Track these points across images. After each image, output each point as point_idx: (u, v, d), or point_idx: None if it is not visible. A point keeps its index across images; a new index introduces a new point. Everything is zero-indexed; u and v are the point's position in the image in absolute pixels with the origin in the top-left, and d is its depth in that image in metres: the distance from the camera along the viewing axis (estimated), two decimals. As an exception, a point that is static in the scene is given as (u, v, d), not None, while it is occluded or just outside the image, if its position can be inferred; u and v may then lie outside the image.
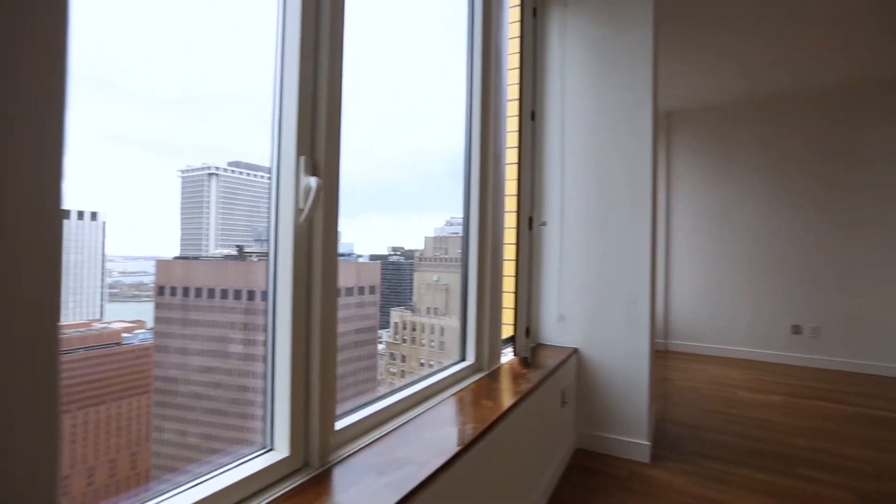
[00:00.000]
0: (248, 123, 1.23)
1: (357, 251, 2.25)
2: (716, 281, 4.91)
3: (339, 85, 1.12)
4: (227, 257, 1.46)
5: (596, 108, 2.45)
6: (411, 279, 2.15)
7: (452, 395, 1.62)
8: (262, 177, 1.10)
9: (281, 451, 1.03)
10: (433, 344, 2.10)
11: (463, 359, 1.90)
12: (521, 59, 2.10)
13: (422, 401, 1.53)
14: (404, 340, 2.13)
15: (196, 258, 1.43)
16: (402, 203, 1.95)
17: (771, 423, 2.96)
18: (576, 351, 2.47)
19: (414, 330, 2.12)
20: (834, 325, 4.40)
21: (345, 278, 2.00)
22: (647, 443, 2.35)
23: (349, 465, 1.10)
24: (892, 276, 4.19)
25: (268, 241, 1.08)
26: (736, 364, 4.51)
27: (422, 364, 2.05)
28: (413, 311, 2.16)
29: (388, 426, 1.32)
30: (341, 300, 1.95)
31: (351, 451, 1.16)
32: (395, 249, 2.12)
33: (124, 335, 1.35)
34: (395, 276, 2.10)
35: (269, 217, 1.08)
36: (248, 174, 1.51)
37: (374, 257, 2.23)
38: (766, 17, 3.11)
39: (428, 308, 2.18)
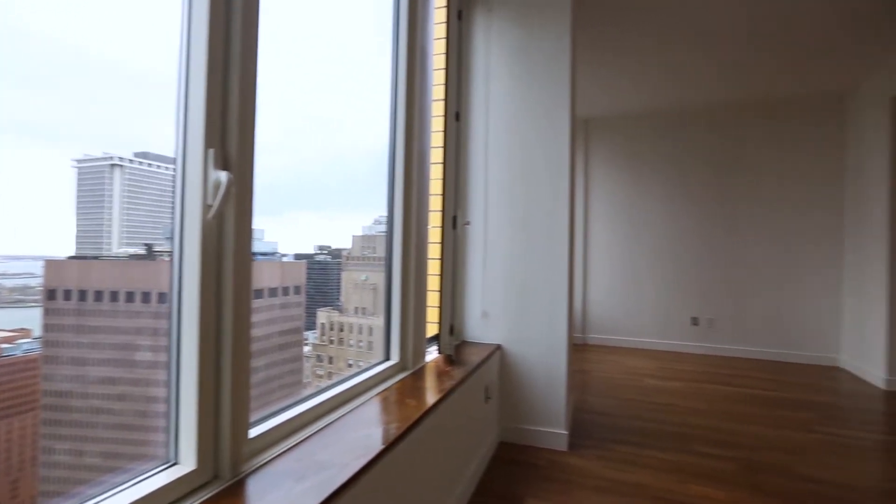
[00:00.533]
0: (157, 109, 1.13)
1: (282, 250, 2.16)
2: (627, 279, 5.27)
3: (254, 70, 1.06)
4: (134, 257, 1.33)
5: (518, 111, 2.54)
6: (339, 279, 2.10)
7: (377, 395, 1.60)
8: (174, 169, 1.02)
9: (186, 464, 0.96)
10: (361, 344, 2.07)
11: (387, 358, 1.88)
12: (446, 60, 2.13)
13: (345, 402, 1.50)
14: (331, 341, 2.08)
15: (96, 258, 1.29)
16: (330, 201, 1.89)
17: (673, 406, 3.23)
18: (499, 347, 2.54)
19: (341, 330, 2.07)
20: (726, 316, 4.90)
21: (268, 278, 1.91)
22: (564, 432, 2.47)
23: (266, 473, 1.05)
24: (770, 274, 4.74)
25: (171, 239, 1.00)
26: (645, 354, 4.87)
27: (350, 365, 2.01)
28: (341, 311, 2.11)
29: (310, 430, 1.28)
30: (264, 301, 1.87)
31: (268, 459, 1.11)
32: (321, 248, 2.06)
33: (3, 346, 1.19)
34: (322, 275, 2.04)
35: (173, 213, 1.00)
36: (159, 166, 1.39)
37: (299, 256, 2.15)
38: (669, 40, 3.39)
39: (356, 308, 2.15)
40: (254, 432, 1.13)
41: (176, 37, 1.00)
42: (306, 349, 1.99)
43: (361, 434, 1.26)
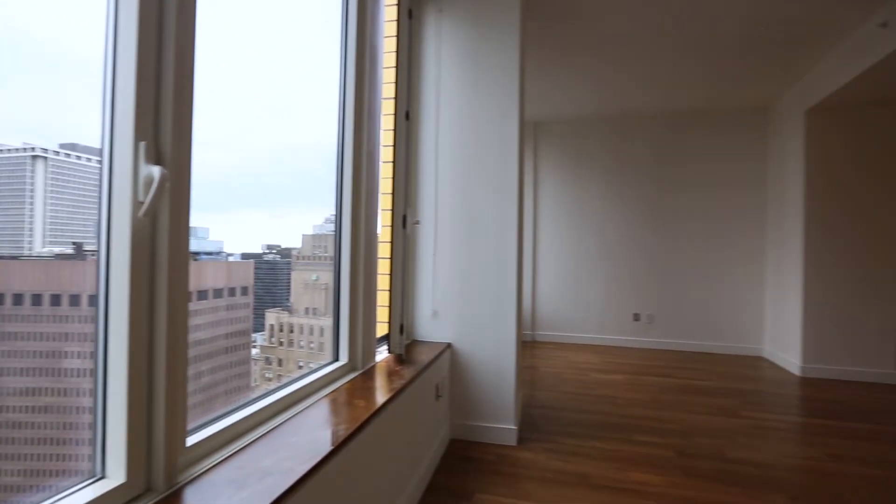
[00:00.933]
0: (85, 97, 1.05)
1: (228, 249, 2.06)
2: (575, 277, 5.45)
3: (191, 56, 1.01)
4: (60, 256, 1.23)
5: (469, 112, 2.56)
6: (289, 279, 2.03)
7: (325, 396, 1.57)
8: (101, 163, 0.95)
9: (115, 477, 0.90)
10: (312, 345, 2.02)
11: (336, 359, 1.84)
12: (397, 58, 2.11)
13: (292, 405, 1.46)
14: (281, 343, 2.01)
15: (15, 258, 1.18)
16: (280, 199, 1.83)
17: (615, 398, 3.37)
18: (449, 346, 2.55)
19: (291, 332, 2.01)
20: (664, 312, 5.17)
21: (212, 279, 1.82)
22: (514, 427, 2.52)
23: (205, 483, 1.00)
24: (702, 272, 5.06)
25: (97, 238, 0.93)
26: (591, 349, 5.06)
27: (300, 367, 1.95)
28: (290, 311, 2.04)
29: (253, 435, 1.23)
30: (208, 303, 1.78)
31: (208, 467, 1.06)
32: (270, 248, 1.99)
33: None
34: (271, 275, 1.97)
35: (99, 210, 0.93)
36: (89, 159, 1.29)
37: (246, 256, 2.07)
38: (607, 53, 3.54)
39: (307, 308, 2.09)
40: (192, 440, 1.07)
41: (103, 11, 0.93)
42: (254, 352, 1.92)
43: (308, 437, 1.23)
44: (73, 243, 1.24)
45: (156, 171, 0.91)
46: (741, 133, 4.98)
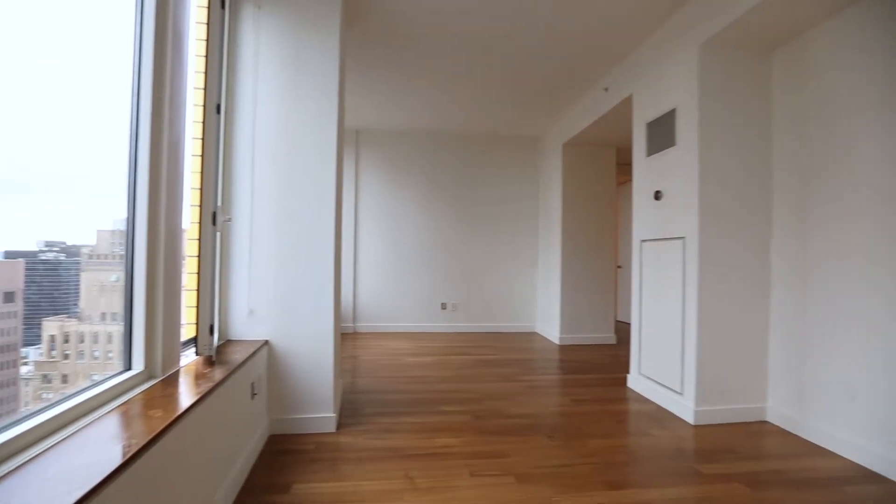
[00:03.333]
0: None
1: None
2: (391, 273, 5.63)
3: None
4: None
5: (288, 114, 2.42)
6: (77, 281, 1.61)
7: (113, 410, 1.30)
8: None
9: None
10: (111, 355, 1.64)
11: (129, 368, 1.54)
12: (207, 47, 1.86)
13: (66, 424, 1.17)
14: (66, 356, 1.58)
15: None
16: (60, 189, 1.43)
17: (425, 377, 3.60)
18: (267, 343, 2.38)
19: (82, 342, 1.60)
20: (465, 300, 5.71)
21: None
22: (333, 415, 2.48)
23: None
24: (493, 265, 5.76)
25: None
26: (406, 337, 5.28)
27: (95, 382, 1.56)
28: (80, 319, 1.62)
29: (6, 466, 0.95)
30: None
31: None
32: (51, 245, 1.55)
33: None
34: (52, 278, 1.53)
35: None
36: None
37: (10, 255, 1.57)
38: (422, 73, 3.75)
39: (103, 314, 1.70)
40: None
41: None
42: (26, 369, 1.48)
43: (82, 461, 1.00)
44: None
45: None
46: (521, 157, 5.83)
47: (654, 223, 3.16)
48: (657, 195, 3.08)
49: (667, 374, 2.96)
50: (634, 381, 3.36)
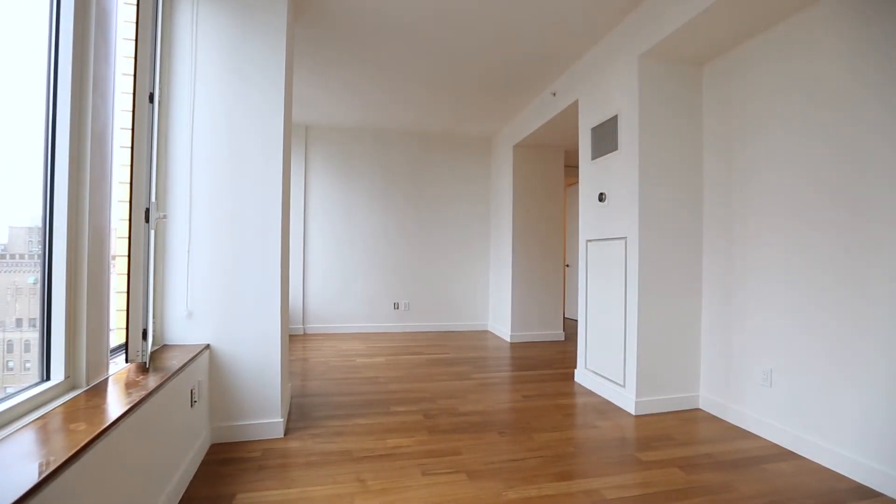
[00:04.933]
0: None
1: None
2: (341, 273, 5.50)
3: None
4: None
5: (230, 108, 2.30)
6: None
7: (28, 425, 1.17)
8: None
9: None
10: (28, 365, 1.48)
11: (46, 378, 1.40)
12: (136, 31, 1.72)
13: (-35, 446, 1.04)
14: None
15: None
16: None
17: (377, 378, 3.55)
18: (208, 346, 2.25)
19: None
20: (417, 300, 5.69)
21: None
22: (280, 420, 2.38)
23: None
24: (444, 266, 5.78)
25: None
26: (357, 337, 5.19)
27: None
28: None
29: None
30: None
31: None
32: None
33: None
34: None
35: None
36: None
37: None
38: (374, 72, 3.70)
39: (17, 320, 1.53)
40: None
41: None
42: None
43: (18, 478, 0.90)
44: None
45: None
46: (474, 157, 5.89)
47: (598, 224, 3.30)
48: (601, 197, 3.22)
49: (610, 368, 3.10)
50: (581, 376, 3.50)
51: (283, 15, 2.36)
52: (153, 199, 1.86)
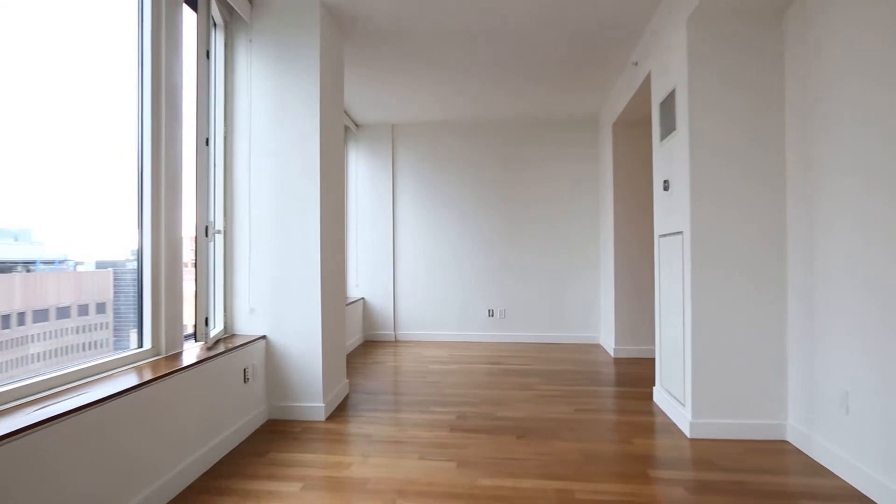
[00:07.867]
0: None
1: (76, 257, 2.59)
2: (433, 277, 6.47)
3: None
4: None
5: (278, 135, 3.38)
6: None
7: (130, 367, 2.32)
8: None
9: None
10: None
11: (140, 346, 2.58)
12: (197, 94, 2.85)
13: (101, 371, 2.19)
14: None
15: None
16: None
17: (437, 383, 4.36)
18: (264, 337, 3.36)
19: None
20: (516, 307, 6.32)
21: (56, 294, 2.44)
22: (321, 405, 3.38)
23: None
24: (549, 271, 6.27)
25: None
26: (446, 346, 6.08)
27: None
28: None
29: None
30: (52, 324, 2.44)
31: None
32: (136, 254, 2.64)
33: None
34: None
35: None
36: None
37: (102, 265, 2.65)
38: (448, 69, 4.52)
39: None
40: None
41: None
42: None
43: (109, 390, 1.98)
44: None
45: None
46: (578, 138, 6.23)
47: (665, 216, 3.54)
48: (665, 185, 3.46)
49: (676, 385, 3.33)
50: (658, 395, 3.74)
51: (315, 49, 3.36)
52: (211, 218, 3.01)
